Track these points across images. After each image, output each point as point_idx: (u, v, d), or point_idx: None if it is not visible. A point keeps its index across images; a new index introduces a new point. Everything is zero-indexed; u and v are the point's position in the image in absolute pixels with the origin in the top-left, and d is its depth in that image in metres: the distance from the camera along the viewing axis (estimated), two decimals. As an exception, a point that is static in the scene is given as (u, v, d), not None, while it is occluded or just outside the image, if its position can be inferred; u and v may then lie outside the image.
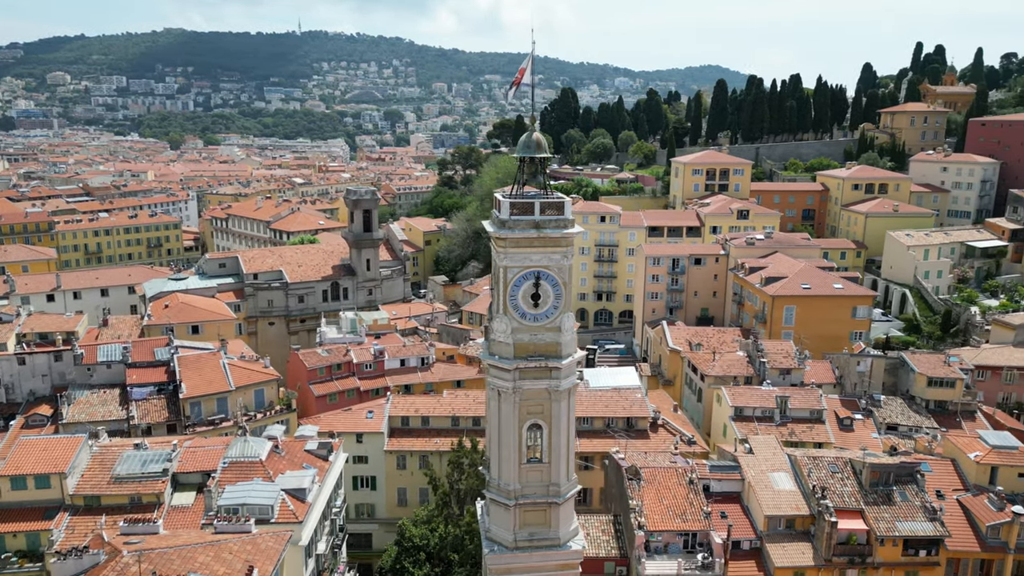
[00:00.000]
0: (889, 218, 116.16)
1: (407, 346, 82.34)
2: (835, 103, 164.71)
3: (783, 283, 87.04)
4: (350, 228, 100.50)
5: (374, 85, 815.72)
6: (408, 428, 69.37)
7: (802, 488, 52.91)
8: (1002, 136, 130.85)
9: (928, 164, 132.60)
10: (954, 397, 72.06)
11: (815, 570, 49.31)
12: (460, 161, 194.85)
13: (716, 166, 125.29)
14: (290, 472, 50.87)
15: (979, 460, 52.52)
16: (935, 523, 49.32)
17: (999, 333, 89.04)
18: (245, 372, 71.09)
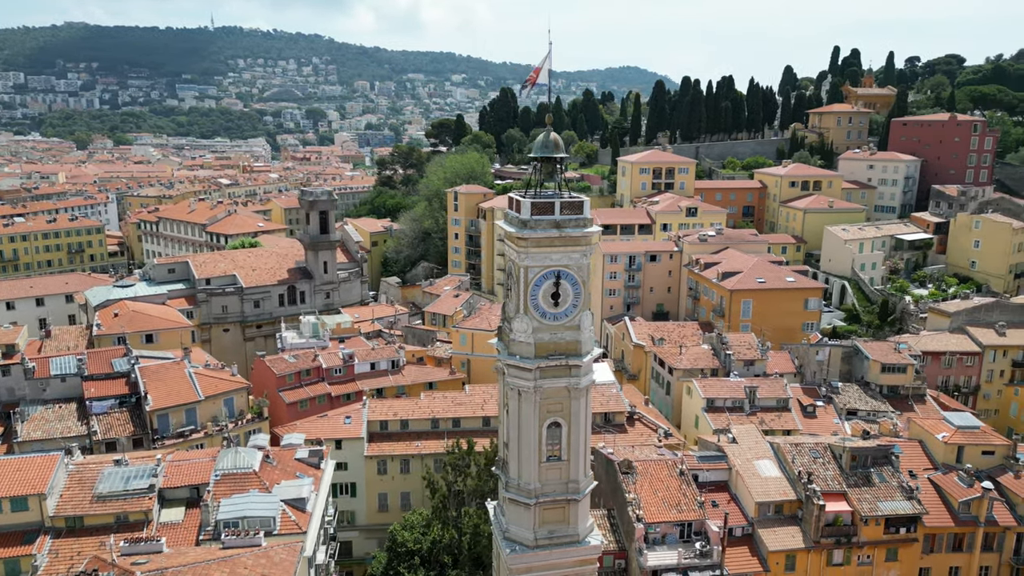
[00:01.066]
0: (825, 214, 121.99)
1: (376, 349, 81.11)
2: (766, 104, 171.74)
3: (739, 278, 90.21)
4: (306, 230, 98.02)
5: (294, 83, 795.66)
6: (387, 432, 68.37)
7: (787, 474, 55.16)
8: (921, 135, 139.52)
9: (856, 162, 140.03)
10: (905, 382, 76.57)
11: (805, 552, 51.57)
12: (400, 161, 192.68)
13: (662, 165, 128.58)
14: (286, 482, 49.45)
15: (946, 440, 56.08)
16: (912, 501, 52.40)
17: (935, 320, 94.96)
18: (213, 381, 68.46)
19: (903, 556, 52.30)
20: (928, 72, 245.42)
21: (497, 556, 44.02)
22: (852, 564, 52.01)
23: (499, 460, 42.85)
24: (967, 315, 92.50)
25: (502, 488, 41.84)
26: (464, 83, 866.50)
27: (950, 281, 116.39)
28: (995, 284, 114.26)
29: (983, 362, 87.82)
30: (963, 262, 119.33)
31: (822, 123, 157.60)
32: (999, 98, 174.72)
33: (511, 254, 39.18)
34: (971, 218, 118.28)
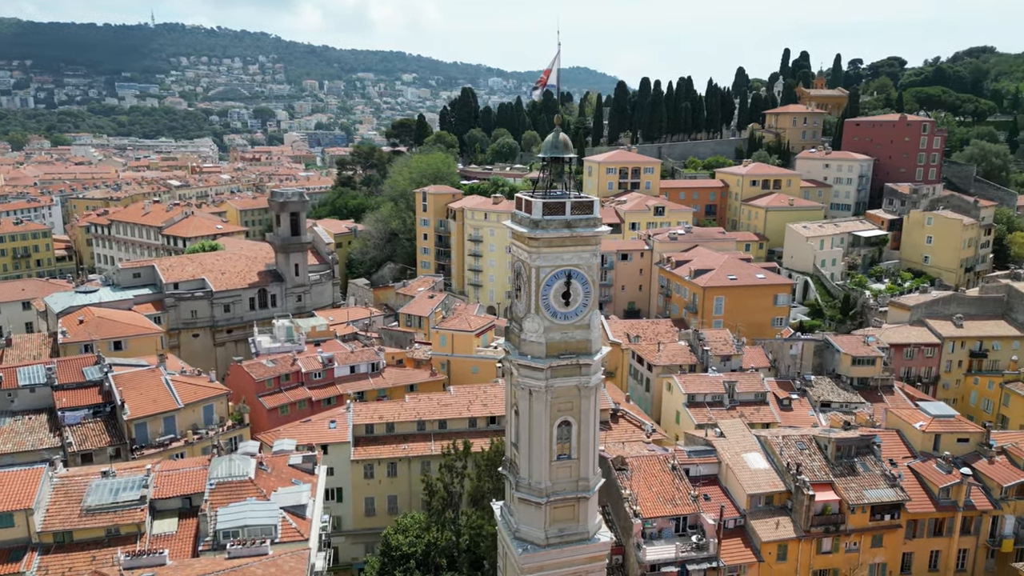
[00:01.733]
0: (786, 212, 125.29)
1: (356, 352, 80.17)
2: (723, 105, 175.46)
3: (711, 275, 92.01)
4: (276, 232, 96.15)
5: (240, 82, 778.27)
6: (373, 436, 67.74)
7: (775, 466, 56.55)
8: (873, 135, 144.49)
9: (812, 161, 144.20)
10: (875, 374, 79.22)
11: (796, 541, 52.99)
12: (360, 161, 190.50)
13: (628, 165, 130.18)
14: (283, 489, 48.52)
15: (924, 429, 58.30)
16: (896, 489, 54.33)
17: (896, 314, 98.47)
18: (191, 388, 66.70)
19: (887, 542, 54.19)
20: (872, 74, 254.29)
21: (503, 556, 44.14)
22: (840, 551, 53.66)
23: (506, 460, 42.96)
24: (926, 308, 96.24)
25: (510, 488, 41.92)
26: (415, 83, 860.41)
27: (905, 276, 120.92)
28: (947, 278, 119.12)
29: (942, 353, 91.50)
30: (916, 257, 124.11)
31: (778, 123, 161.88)
32: (943, 99, 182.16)
33: (521, 255, 39.35)
34: (923, 215, 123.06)
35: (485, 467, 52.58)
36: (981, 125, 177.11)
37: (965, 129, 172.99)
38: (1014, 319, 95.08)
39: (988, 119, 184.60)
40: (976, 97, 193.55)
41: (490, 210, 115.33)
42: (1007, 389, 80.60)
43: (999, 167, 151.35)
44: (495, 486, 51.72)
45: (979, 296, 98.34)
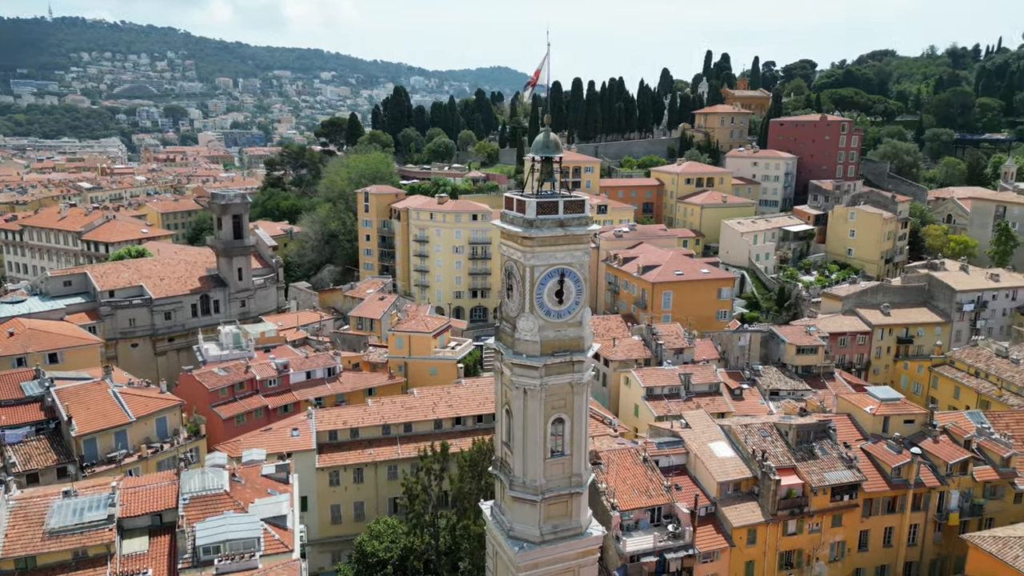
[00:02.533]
0: (720, 208, 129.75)
1: (311, 357, 78.31)
2: (654, 105, 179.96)
3: (659, 271, 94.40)
4: (218, 235, 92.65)
5: (147, 79, 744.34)
6: (337, 442, 66.41)
7: (740, 454, 58.63)
8: (796, 134, 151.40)
9: (741, 159, 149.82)
10: (817, 362, 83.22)
11: (764, 525, 55.12)
12: (290, 161, 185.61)
13: (568, 164, 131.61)
14: (260, 500, 47.02)
15: (874, 412, 61.64)
16: (853, 470, 57.25)
17: (828, 304, 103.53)
18: (142, 400, 63.72)
19: (846, 521, 57.07)
20: (787, 76, 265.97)
21: (494, 556, 44.18)
22: (804, 533, 56.13)
23: (496, 460, 43.01)
24: (856, 298, 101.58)
25: (501, 488, 42.05)
26: (334, 81, 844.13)
27: (832, 268, 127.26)
28: (870, 269, 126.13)
29: (872, 340, 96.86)
30: (841, 250, 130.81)
31: (707, 123, 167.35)
32: (856, 100, 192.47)
33: (514, 254, 39.43)
34: (847, 210, 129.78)
35: (468, 468, 52.38)
36: (891, 124, 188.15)
37: (876, 128, 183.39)
38: (935, 306, 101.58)
39: (897, 119, 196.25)
40: (884, 98, 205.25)
41: (436, 210, 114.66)
42: (935, 372, 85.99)
43: (910, 164, 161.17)
44: (477, 486, 51.66)
45: (903, 286, 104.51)
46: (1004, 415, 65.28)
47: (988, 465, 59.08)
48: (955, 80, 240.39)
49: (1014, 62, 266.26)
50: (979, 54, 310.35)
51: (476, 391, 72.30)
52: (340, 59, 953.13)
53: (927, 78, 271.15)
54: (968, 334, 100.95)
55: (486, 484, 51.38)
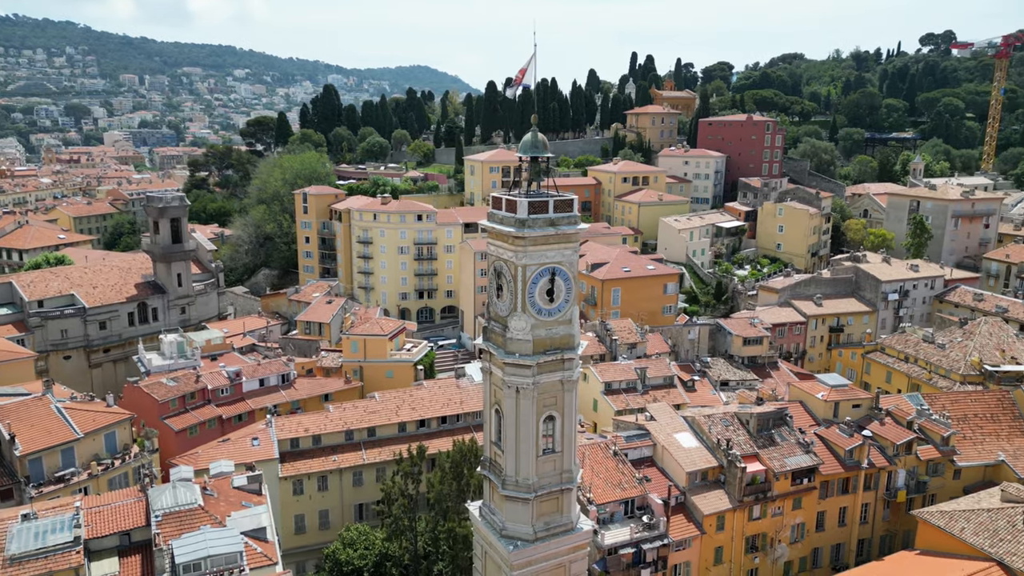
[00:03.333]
0: (657, 206, 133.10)
1: (263, 364, 75.98)
2: (587, 105, 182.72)
3: (607, 268, 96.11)
4: (154, 240, 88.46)
5: (44, 75, 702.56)
6: (299, 450, 64.78)
7: (705, 443, 60.49)
8: (724, 134, 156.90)
9: (673, 158, 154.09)
10: (762, 352, 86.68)
11: (732, 511, 57.06)
12: (215, 162, 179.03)
13: (510, 164, 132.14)
14: (236, 513, 45.43)
15: (825, 399, 64.73)
16: (810, 455, 59.98)
17: (765, 296, 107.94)
18: (89, 415, 60.38)
19: (805, 503, 59.74)
20: (706, 77, 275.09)
21: (483, 556, 44.13)
22: (768, 517, 58.43)
23: (485, 460, 42.99)
24: (791, 291, 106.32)
25: (490, 488, 42.08)
26: (248, 78, 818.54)
27: (763, 262, 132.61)
28: (797, 262, 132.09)
29: (807, 330, 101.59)
30: (770, 245, 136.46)
31: (639, 123, 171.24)
32: (775, 101, 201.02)
33: (504, 254, 39.56)
34: (775, 206, 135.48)
35: (450, 469, 52.01)
36: (807, 124, 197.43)
37: (795, 128, 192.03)
38: (862, 296, 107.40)
39: (812, 119, 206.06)
40: (801, 99, 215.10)
41: (379, 210, 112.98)
42: (868, 359, 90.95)
43: (828, 162, 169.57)
44: (458, 488, 51.42)
45: (832, 278, 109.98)
46: (940, 396, 69.73)
47: (930, 444, 63.01)
48: (861, 82, 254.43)
49: (913, 65, 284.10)
50: (880, 58, 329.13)
51: (438, 393, 71.87)
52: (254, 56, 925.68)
53: (834, 80, 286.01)
54: (892, 322, 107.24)
55: (467, 485, 51.24)
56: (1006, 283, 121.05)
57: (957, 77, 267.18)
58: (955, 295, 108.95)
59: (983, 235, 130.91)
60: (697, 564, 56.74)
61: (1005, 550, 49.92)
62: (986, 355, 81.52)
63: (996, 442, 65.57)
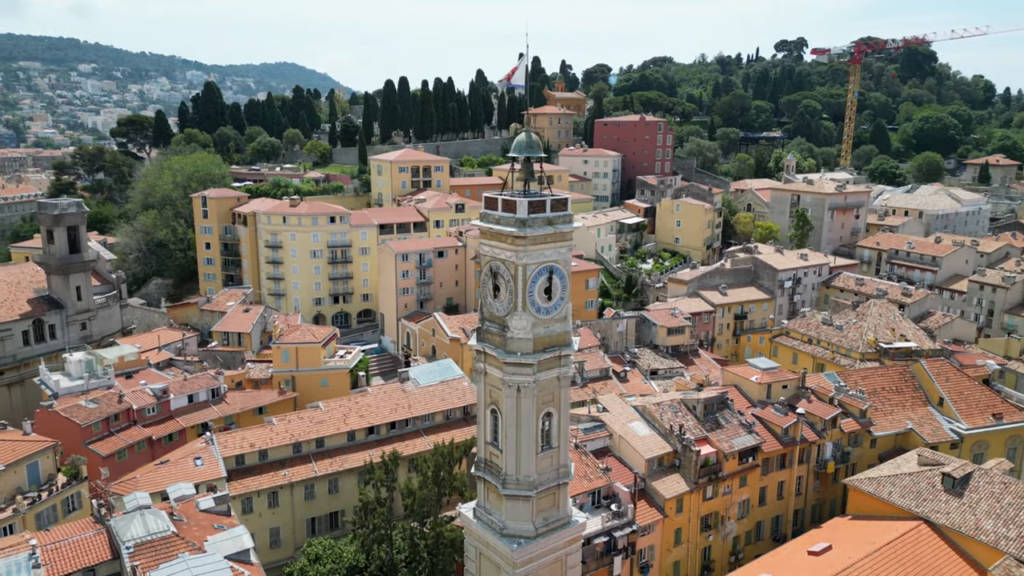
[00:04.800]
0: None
1: (191, 379, 71.40)
2: (484, 105, 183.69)
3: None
4: (49, 250, 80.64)
5: None
6: (246, 467, 61.60)
7: (658, 430, 63.05)
8: (619, 134, 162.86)
9: (573, 158, 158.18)
10: (684, 341, 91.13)
11: (689, 494, 59.87)
12: (84, 164, 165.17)
13: (419, 163, 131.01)
14: (214, 537, 42.77)
15: (759, 381, 69.13)
16: (753, 435, 63.95)
17: (674, 288, 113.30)
18: (7, 445, 54.67)
19: (750, 481, 63.60)
20: (587, 78, 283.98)
21: (477, 558, 44.05)
22: (719, 496, 61.75)
23: (480, 462, 42.92)
24: (698, 282, 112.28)
25: (486, 488, 42.09)
26: (95, 74, 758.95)
27: (664, 255, 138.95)
28: (694, 255, 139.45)
29: (715, 318, 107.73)
30: (669, 239, 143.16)
31: (536, 123, 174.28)
32: (659, 102, 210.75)
33: (502, 254, 39.64)
34: (672, 203, 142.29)
35: (431, 474, 51.15)
36: (689, 124, 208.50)
37: (679, 128, 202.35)
38: (761, 284, 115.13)
39: (693, 119, 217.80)
40: (682, 100, 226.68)
41: (289, 213, 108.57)
42: (775, 342, 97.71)
43: (711, 159, 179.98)
44: (437, 492, 50.78)
45: (733, 268, 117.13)
46: (852, 374, 76.21)
47: (850, 418, 68.83)
48: (729, 85, 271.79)
49: (771, 69, 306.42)
50: (741, 62, 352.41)
51: (384, 398, 70.44)
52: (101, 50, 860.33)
53: (703, 83, 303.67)
54: (788, 307, 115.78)
55: (449, 489, 50.79)
56: (877, 269, 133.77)
57: (811, 81, 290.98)
58: (839, 280, 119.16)
59: (855, 225, 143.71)
60: (660, 547, 59.11)
61: (929, 509, 55.51)
62: (879, 334, 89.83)
63: (903, 412, 72.53)
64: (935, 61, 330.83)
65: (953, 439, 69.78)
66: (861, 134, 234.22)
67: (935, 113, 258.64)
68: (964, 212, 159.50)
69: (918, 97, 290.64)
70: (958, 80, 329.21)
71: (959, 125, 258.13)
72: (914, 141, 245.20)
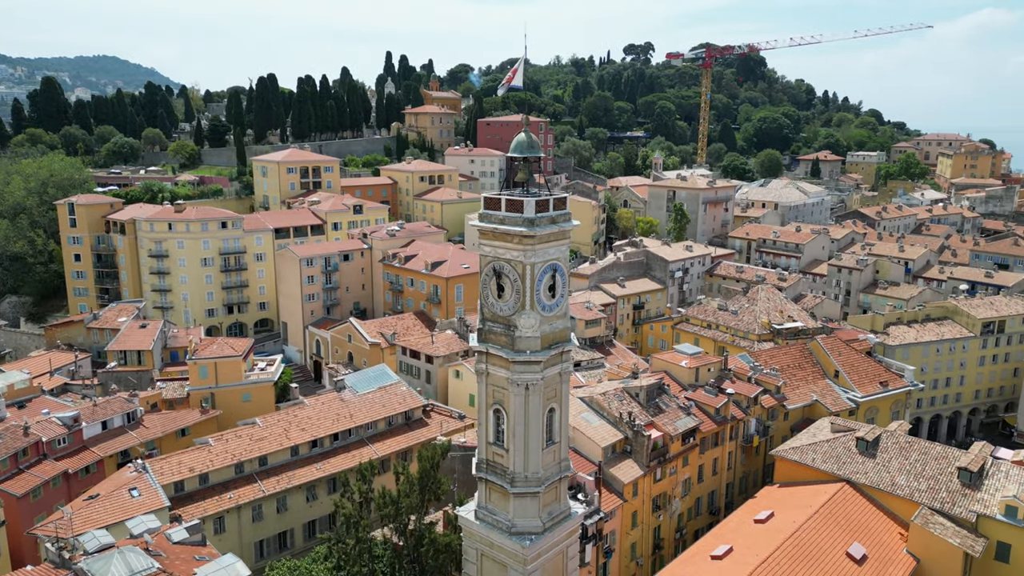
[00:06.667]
0: (458, 203, 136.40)
1: (102, 404, 64.87)
2: (363, 103, 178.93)
3: (447, 266, 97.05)
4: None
5: None
6: (186, 493, 57.15)
7: (607, 419, 65.23)
8: (502, 133, 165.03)
9: (459, 157, 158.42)
10: (600, 332, 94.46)
11: (643, 477, 62.56)
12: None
13: (308, 164, 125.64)
14: (201, 570, 39.58)
15: (688, 366, 73.27)
16: (691, 416, 67.81)
17: (576, 282, 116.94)
18: (-95, 495, 47.31)
19: (691, 460, 67.41)
20: (452, 79, 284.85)
21: (477, 560, 43.97)
22: (667, 477, 65.01)
23: (481, 463, 42.78)
24: (598, 275, 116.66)
25: (487, 489, 42.10)
26: None
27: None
28: (584, 250, 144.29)
29: (617, 309, 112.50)
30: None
31: (418, 123, 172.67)
32: (533, 102, 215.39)
33: (507, 254, 39.80)
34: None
35: (418, 481, 49.73)
36: (560, 124, 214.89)
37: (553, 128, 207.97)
38: (654, 276, 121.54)
39: (563, 120, 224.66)
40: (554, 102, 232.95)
41: (175, 219, 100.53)
42: (677, 328, 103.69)
43: (587, 158, 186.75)
44: (422, 499, 49.63)
45: (627, 261, 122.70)
46: (761, 354, 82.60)
47: (768, 394, 74.73)
48: (588, 87, 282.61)
49: (623, 72, 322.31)
50: (594, 64, 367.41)
51: (324, 409, 67.68)
52: None
53: (562, 84, 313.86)
54: (678, 296, 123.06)
55: (434, 494, 49.90)
56: (748, 257, 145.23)
57: (661, 83, 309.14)
58: (721, 269, 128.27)
59: (724, 217, 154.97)
60: (620, 531, 61.31)
61: (849, 470, 61.67)
62: (771, 317, 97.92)
63: (807, 386, 79.70)
64: (764, 66, 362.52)
65: (851, 407, 77.60)
66: (711, 133, 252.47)
67: (770, 114, 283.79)
68: (811, 203, 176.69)
69: (754, 99, 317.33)
70: (785, 84, 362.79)
71: (791, 124, 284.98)
72: (755, 139, 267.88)
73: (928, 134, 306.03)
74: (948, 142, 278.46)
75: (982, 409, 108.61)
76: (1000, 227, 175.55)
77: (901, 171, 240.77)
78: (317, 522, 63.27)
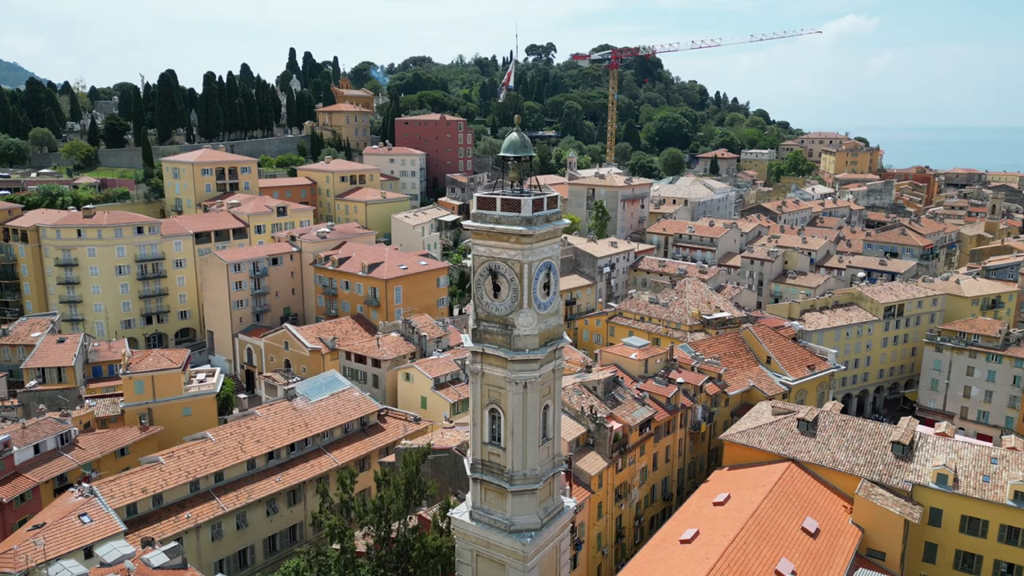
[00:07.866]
0: (382, 204, 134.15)
1: (31, 426, 59.83)
2: (272, 102, 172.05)
3: (385, 267, 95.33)
4: None
5: None
6: (140, 515, 53.77)
7: (568, 413, 66.14)
8: (421, 132, 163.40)
9: (378, 156, 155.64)
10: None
11: (607, 468, 63.92)
12: None
13: (224, 165, 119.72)
14: (192, 596, 37.46)
15: (638, 358, 75.32)
16: (646, 407, 69.80)
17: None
18: None
19: (647, 449, 69.43)
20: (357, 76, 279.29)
21: (473, 561, 43.86)
22: (627, 467, 66.70)
23: (476, 463, 42.67)
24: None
25: (484, 489, 42.09)
26: None
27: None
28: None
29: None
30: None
31: (332, 121, 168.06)
32: (444, 101, 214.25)
33: (504, 253, 39.93)
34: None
35: (404, 487, 48.59)
36: (474, 123, 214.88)
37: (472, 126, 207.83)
38: (583, 272, 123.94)
39: (476, 119, 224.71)
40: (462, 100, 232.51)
41: (85, 225, 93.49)
42: (612, 323, 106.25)
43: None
44: (406, 504, 48.68)
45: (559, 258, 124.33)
46: (699, 344, 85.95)
47: (711, 382, 77.94)
48: (494, 87, 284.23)
49: (526, 72, 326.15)
50: (497, 64, 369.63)
51: (277, 419, 65.16)
52: None
53: (468, 83, 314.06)
54: (606, 291, 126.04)
55: (420, 498, 49.14)
56: (666, 251, 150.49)
57: (564, 83, 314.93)
58: (644, 264, 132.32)
59: (641, 214, 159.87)
60: (588, 522, 62.43)
61: (794, 450, 65.45)
62: (700, 308, 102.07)
63: (743, 372, 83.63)
64: (660, 67, 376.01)
65: (784, 390, 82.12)
66: (616, 132, 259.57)
67: (670, 114, 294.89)
68: (718, 199, 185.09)
69: (653, 99, 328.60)
70: (679, 84, 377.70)
71: (689, 124, 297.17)
72: (657, 138, 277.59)
73: (811, 132, 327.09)
74: (829, 140, 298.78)
75: (886, 387, 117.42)
76: (883, 218, 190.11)
77: (790, 168, 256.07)
78: (278, 536, 60.95)
